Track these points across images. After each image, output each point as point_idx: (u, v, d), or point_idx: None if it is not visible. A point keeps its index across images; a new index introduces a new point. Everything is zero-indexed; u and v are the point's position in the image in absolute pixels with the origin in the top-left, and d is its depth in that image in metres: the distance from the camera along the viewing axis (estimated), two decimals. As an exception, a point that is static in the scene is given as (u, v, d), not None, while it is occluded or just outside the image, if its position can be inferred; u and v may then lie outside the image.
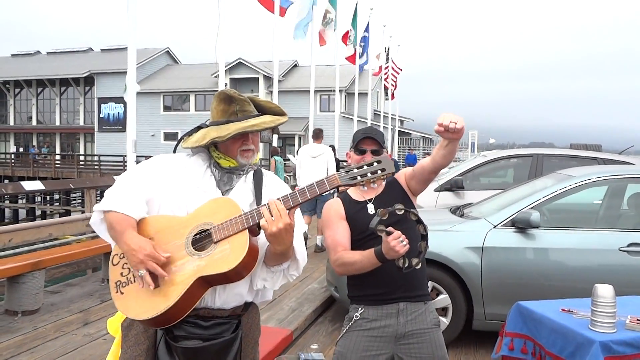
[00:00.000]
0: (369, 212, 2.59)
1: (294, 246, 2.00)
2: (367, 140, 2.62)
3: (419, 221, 2.37)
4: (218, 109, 2.10)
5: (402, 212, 2.31)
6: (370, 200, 2.64)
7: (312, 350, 2.75)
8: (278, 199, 1.88)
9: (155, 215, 2.03)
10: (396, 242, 2.25)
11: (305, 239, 2.70)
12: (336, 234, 2.60)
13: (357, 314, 2.59)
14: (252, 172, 2.19)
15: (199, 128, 2.14)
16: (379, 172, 1.87)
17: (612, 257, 4.48)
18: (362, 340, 2.55)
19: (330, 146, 10.80)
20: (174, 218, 2.00)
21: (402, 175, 2.72)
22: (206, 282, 1.92)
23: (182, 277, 1.89)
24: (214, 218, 1.94)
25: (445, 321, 4.69)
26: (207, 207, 1.98)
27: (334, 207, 2.66)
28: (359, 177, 1.87)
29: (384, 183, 2.67)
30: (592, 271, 4.44)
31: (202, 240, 1.94)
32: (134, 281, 1.95)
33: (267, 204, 1.88)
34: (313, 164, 8.67)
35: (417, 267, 2.36)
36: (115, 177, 2.19)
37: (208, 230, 1.93)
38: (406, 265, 2.31)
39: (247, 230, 1.90)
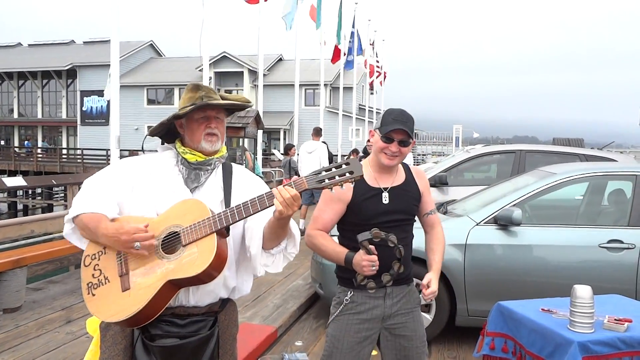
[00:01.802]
0: (383, 201, 2.58)
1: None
2: (398, 130, 2.50)
3: (400, 260, 2.46)
4: (185, 98, 2.12)
5: (392, 245, 2.37)
6: (385, 189, 2.61)
7: (297, 347, 2.78)
8: (287, 184, 1.89)
9: (126, 216, 2.03)
10: (368, 263, 2.34)
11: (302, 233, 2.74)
12: (326, 213, 2.61)
13: (347, 298, 2.64)
14: (220, 167, 2.18)
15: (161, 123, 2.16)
16: (347, 174, 1.87)
17: (592, 253, 4.54)
18: (353, 323, 2.63)
19: (322, 142, 11.10)
20: (143, 219, 2.00)
21: (424, 183, 2.74)
22: (175, 285, 1.93)
23: (151, 280, 1.90)
24: (183, 220, 1.95)
25: (428, 317, 4.73)
26: (176, 209, 1.98)
27: (341, 189, 2.58)
28: (326, 180, 1.87)
29: (403, 177, 2.67)
30: (572, 268, 4.51)
31: (171, 242, 1.95)
32: (105, 283, 1.97)
33: (278, 190, 1.88)
34: (309, 159, 9.60)
35: (370, 292, 2.48)
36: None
37: (177, 232, 1.94)
38: (363, 284, 2.42)
39: (214, 234, 1.90)
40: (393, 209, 2.58)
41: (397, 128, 2.49)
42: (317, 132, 10.22)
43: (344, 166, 1.88)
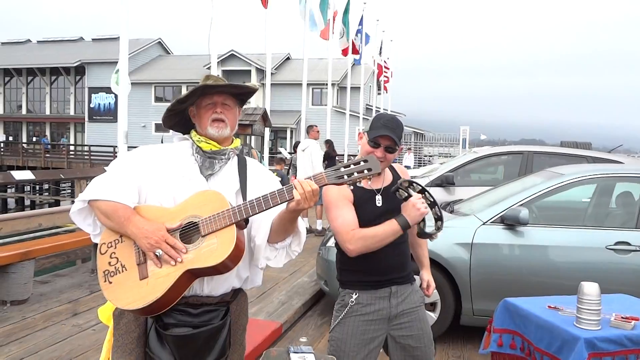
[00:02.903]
0: (377, 204, 2.58)
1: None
2: (386, 136, 2.50)
3: (434, 204, 2.44)
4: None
5: (420, 188, 2.40)
6: (378, 190, 2.62)
7: (302, 343, 2.78)
8: (308, 178, 1.92)
9: (144, 205, 2.06)
10: (417, 201, 2.37)
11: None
12: (346, 214, 2.52)
13: (352, 300, 2.61)
14: (235, 158, 2.21)
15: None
16: (366, 171, 1.91)
17: (599, 255, 4.52)
18: (359, 325, 2.60)
19: (326, 141, 11.18)
20: (162, 209, 2.02)
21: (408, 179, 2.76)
22: (193, 275, 1.95)
23: (170, 269, 1.92)
24: (201, 211, 1.96)
25: (433, 316, 4.72)
26: (195, 199, 2.00)
27: (342, 190, 2.54)
28: (345, 177, 1.91)
29: (390, 177, 2.68)
30: (579, 269, 4.49)
31: (190, 233, 1.96)
32: (122, 271, 1.98)
33: (299, 183, 1.90)
34: (302, 157, 9.69)
35: (439, 231, 2.44)
36: (105, 167, 2.21)
37: (196, 223, 1.96)
38: (430, 232, 2.42)
39: (234, 225, 1.92)
40: (387, 209, 2.57)
41: (385, 134, 2.49)
42: (307, 130, 10.35)
43: (362, 163, 1.92)
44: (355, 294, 2.62)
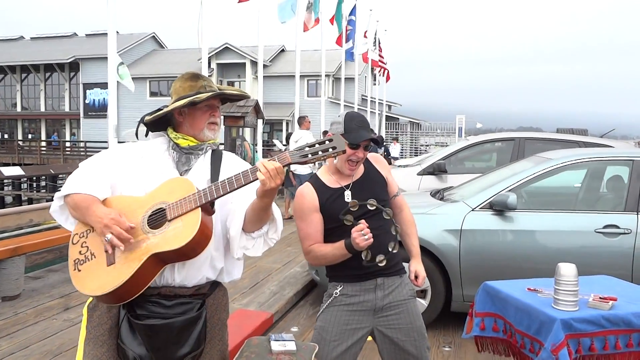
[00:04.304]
0: (346, 199, 2.58)
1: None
2: (365, 140, 2.54)
3: (392, 221, 2.43)
4: (185, 86, 2.14)
5: (374, 207, 2.36)
6: (347, 186, 2.62)
7: (293, 333, 2.79)
8: (272, 158, 1.91)
9: (116, 196, 2.07)
10: (357, 234, 2.33)
11: None
12: (309, 227, 2.59)
13: (337, 291, 2.63)
14: (210, 152, 2.21)
15: (159, 110, 2.16)
16: (330, 150, 1.89)
17: (588, 238, 4.53)
18: (342, 314, 2.61)
19: (324, 132, 11.24)
20: (132, 198, 2.04)
21: (385, 166, 2.75)
22: (160, 260, 1.95)
23: (136, 254, 1.93)
24: (169, 197, 1.98)
25: (424, 303, 4.74)
26: (163, 187, 2.02)
27: (307, 199, 2.59)
28: (310, 155, 1.90)
29: (362, 170, 2.67)
30: (568, 253, 4.48)
31: (157, 219, 1.97)
32: (91, 259, 1.99)
33: (261, 163, 1.90)
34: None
35: (381, 265, 2.45)
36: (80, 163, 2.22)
37: (163, 209, 1.96)
38: (368, 259, 2.39)
39: (199, 209, 1.93)
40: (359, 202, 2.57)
41: (367, 138, 2.53)
42: (299, 121, 10.51)
43: (327, 142, 1.91)
44: (340, 286, 2.64)
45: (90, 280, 1.96)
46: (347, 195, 2.58)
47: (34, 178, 29.44)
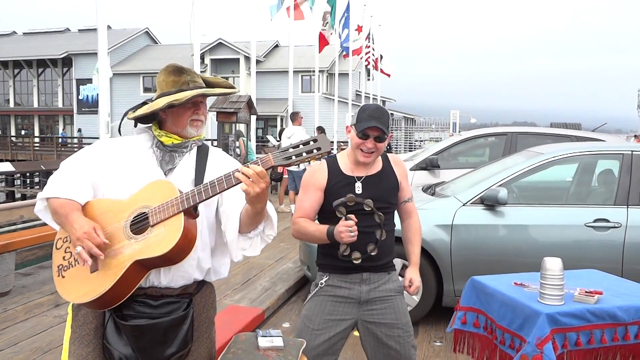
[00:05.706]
0: (356, 191, 2.59)
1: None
2: (373, 127, 2.52)
3: (380, 226, 2.44)
4: (168, 81, 2.09)
5: (369, 209, 2.36)
6: (359, 178, 2.62)
7: (284, 329, 2.79)
8: (255, 162, 1.85)
9: (98, 198, 2.03)
10: (345, 228, 2.34)
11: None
12: (305, 201, 2.64)
13: (323, 281, 2.66)
14: (196, 149, 2.16)
15: (144, 103, 2.13)
16: (315, 151, 1.85)
17: (578, 232, 4.54)
18: (327, 304, 2.64)
19: (318, 128, 11.24)
20: (113, 202, 2.00)
21: (402, 170, 2.74)
22: (143, 266, 1.91)
23: (119, 260, 1.89)
24: (152, 201, 1.93)
25: (415, 298, 4.74)
26: (145, 190, 1.98)
27: (316, 176, 2.65)
28: (293, 157, 1.85)
29: (379, 167, 2.67)
30: (558, 247, 4.51)
31: (140, 223, 1.93)
32: (75, 265, 1.96)
33: (241, 168, 1.83)
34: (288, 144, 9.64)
35: (356, 262, 2.47)
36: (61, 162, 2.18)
37: (146, 213, 1.92)
38: (345, 254, 2.41)
39: (182, 214, 1.88)
40: (367, 197, 2.56)
41: (372, 125, 2.51)
42: (292, 117, 10.54)
43: (311, 143, 1.86)
44: (327, 276, 2.66)
45: (73, 288, 1.94)
46: (358, 187, 2.60)
47: (28, 174, 29.30)
